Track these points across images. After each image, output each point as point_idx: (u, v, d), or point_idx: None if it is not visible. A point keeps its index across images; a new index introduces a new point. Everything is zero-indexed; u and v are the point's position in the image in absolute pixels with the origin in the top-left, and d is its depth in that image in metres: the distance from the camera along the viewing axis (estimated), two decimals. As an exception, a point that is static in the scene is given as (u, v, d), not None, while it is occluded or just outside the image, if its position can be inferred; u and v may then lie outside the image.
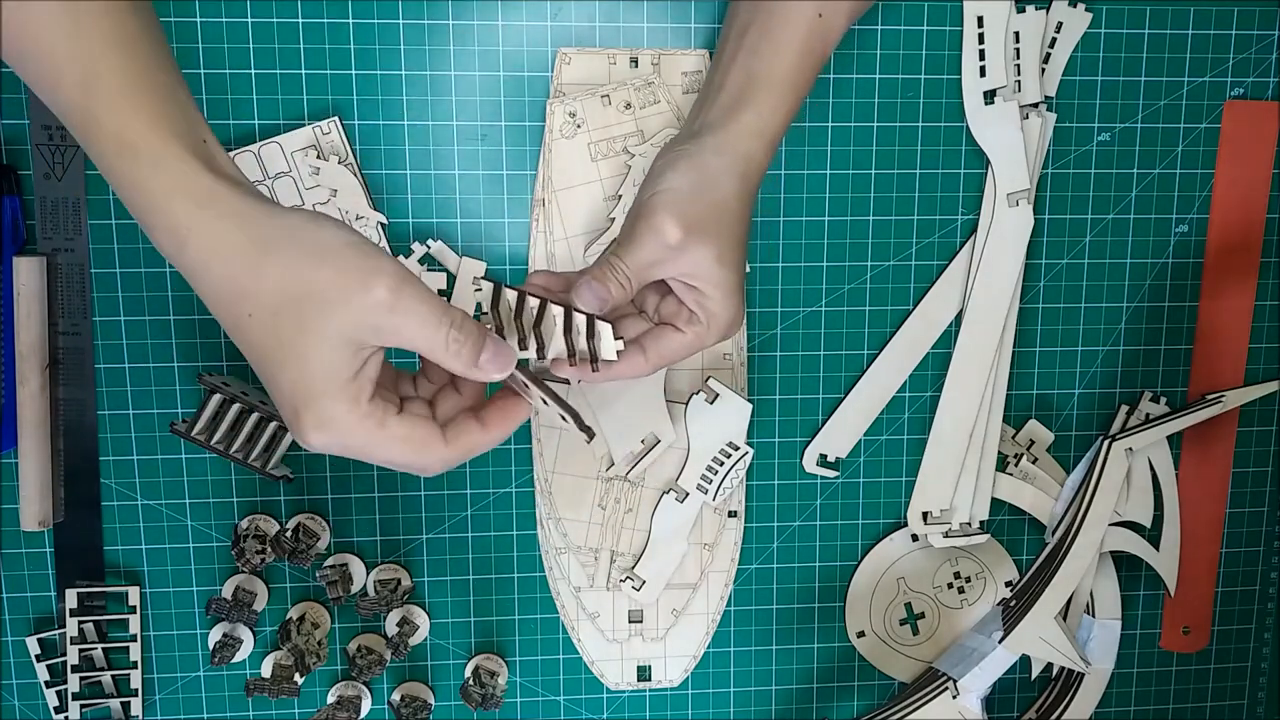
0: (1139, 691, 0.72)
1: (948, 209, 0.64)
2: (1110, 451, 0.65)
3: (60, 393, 0.60)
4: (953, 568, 0.68)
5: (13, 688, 0.63)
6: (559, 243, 0.61)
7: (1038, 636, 0.64)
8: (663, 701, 0.68)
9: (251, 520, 0.62)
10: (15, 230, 0.58)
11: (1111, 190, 0.65)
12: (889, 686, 0.70)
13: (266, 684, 0.59)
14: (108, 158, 0.39)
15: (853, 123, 0.62)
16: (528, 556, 0.65)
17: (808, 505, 0.67)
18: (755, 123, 0.50)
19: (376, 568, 0.64)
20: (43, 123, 0.57)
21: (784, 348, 0.64)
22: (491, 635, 0.66)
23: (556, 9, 0.59)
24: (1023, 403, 0.67)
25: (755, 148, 0.50)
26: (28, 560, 0.62)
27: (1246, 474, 0.70)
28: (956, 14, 0.61)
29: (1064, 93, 0.63)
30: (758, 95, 0.50)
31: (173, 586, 0.63)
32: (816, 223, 0.63)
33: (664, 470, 0.64)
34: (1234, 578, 0.71)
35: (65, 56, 0.38)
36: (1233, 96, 0.65)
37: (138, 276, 0.59)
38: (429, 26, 0.59)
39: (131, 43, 0.39)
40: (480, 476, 0.64)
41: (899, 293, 0.65)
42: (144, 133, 0.39)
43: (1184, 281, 0.67)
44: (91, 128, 0.39)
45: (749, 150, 0.50)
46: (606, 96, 0.60)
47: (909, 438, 0.66)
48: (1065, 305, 0.66)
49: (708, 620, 0.67)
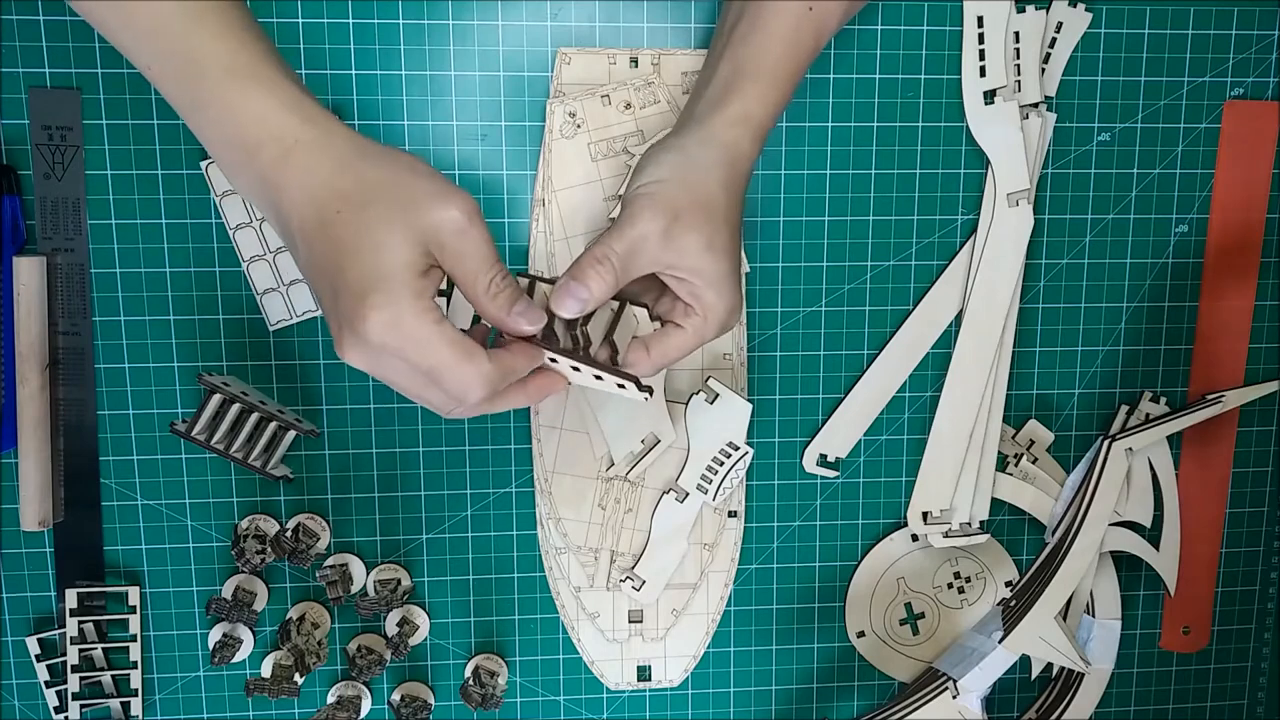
0: (1139, 691, 0.72)
1: (948, 209, 0.64)
2: (1110, 451, 0.65)
3: (60, 393, 0.60)
4: (953, 568, 0.68)
5: (13, 688, 0.63)
6: (559, 243, 0.61)
7: (1038, 636, 0.64)
8: (663, 701, 0.68)
9: (251, 520, 0.62)
10: (15, 230, 0.58)
11: (1111, 190, 0.65)
12: (889, 686, 0.70)
13: (266, 684, 0.59)
14: (212, 86, 0.43)
15: (853, 123, 0.62)
16: (528, 556, 0.65)
17: (808, 505, 0.67)
18: (740, 112, 0.50)
19: (376, 568, 0.64)
20: (43, 123, 0.57)
21: (784, 348, 0.65)
22: (491, 635, 0.66)
23: (556, 9, 0.59)
24: (1023, 403, 0.67)
25: (741, 137, 0.50)
26: (28, 560, 0.62)
27: (1246, 474, 0.70)
28: (956, 14, 0.61)
29: (1064, 93, 0.63)
30: (743, 85, 0.50)
31: (173, 586, 0.63)
32: (816, 223, 0.63)
33: (664, 470, 0.64)
34: (1234, 578, 0.71)
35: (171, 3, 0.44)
36: (1233, 96, 0.65)
37: (138, 276, 0.59)
38: (429, 26, 0.59)
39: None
40: (480, 476, 0.64)
41: (899, 293, 0.65)
42: (252, 61, 0.44)
43: (1184, 281, 0.67)
44: (197, 60, 0.43)
45: (734, 139, 0.49)
46: (606, 96, 0.60)
47: (909, 438, 0.66)
48: (1065, 305, 0.66)
49: (708, 620, 0.67)
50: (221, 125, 0.44)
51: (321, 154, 0.44)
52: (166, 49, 0.44)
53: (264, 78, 0.44)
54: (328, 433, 0.62)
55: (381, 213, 0.43)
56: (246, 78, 0.43)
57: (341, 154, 0.44)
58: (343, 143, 0.44)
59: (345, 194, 0.43)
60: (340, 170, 0.43)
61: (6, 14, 0.56)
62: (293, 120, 0.44)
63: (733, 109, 0.50)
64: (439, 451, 0.63)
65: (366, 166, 0.44)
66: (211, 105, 0.44)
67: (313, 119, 0.44)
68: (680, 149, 0.49)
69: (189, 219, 0.59)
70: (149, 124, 0.58)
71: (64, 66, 0.57)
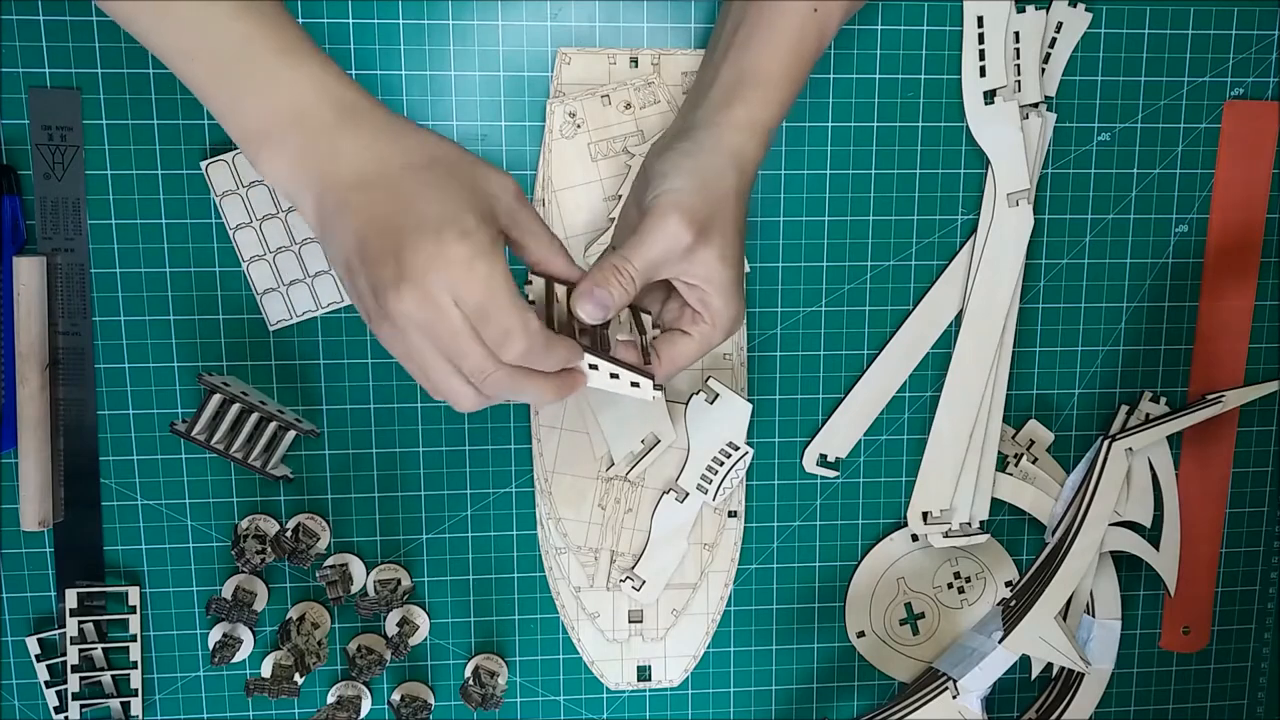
0: (1139, 691, 0.72)
1: (948, 209, 0.64)
2: (1110, 451, 0.65)
3: (60, 393, 0.60)
4: (953, 568, 0.68)
5: (13, 688, 0.63)
6: (559, 243, 0.61)
7: (1038, 636, 0.64)
8: (663, 701, 0.68)
9: (251, 520, 0.62)
10: (15, 230, 0.58)
11: (1111, 190, 0.65)
12: (889, 686, 0.70)
13: (266, 684, 0.59)
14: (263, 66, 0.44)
15: (853, 123, 0.62)
16: (528, 556, 0.65)
17: (808, 505, 0.67)
18: (747, 117, 0.50)
19: (376, 568, 0.64)
20: (43, 123, 0.57)
21: (784, 348, 0.65)
22: (491, 635, 0.66)
23: (556, 9, 0.59)
24: (1023, 403, 0.67)
25: (748, 142, 0.50)
26: (28, 560, 0.62)
27: (1246, 474, 0.70)
28: (956, 14, 0.61)
29: (1064, 93, 0.63)
30: (749, 90, 0.50)
31: (173, 586, 0.63)
32: (816, 223, 0.63)
33: (664, 470, 0.64)
34: (1234, 578, 0.71)
35: None
36: (1233, 96, 0.65)
37: (138, 276, 0.59)
38: (429, 26, 0.59)
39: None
40: (480, 476, 0.64)
41: (899, 293, 0.65)
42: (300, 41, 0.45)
43: (1184, 281, 0.67)
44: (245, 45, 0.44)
45: (742, 145, 0.50)
46: (606, 96, 0.60)
47: (909, 438, 0.66)
48: (1065, 305, 0.66)
49: (708, 620, 0.67)
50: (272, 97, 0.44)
51: (374, 116, 0.45)
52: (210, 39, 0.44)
53: (309, 54, 0.45)
54: (328, 433, 0.62)
55: (446, 172, 0.44)
56: (297, 54, 0.45)
57: (391, 120, 0.45)
58: (388, 113, 0.46)
59: (408, 151, 0.45)
60: (396, 134, 0.45)
61: (6, 14, 0.56)
62: (341, 88, 0.45)
63: (738, 114, 0.50)
64: (439, 451, 0.63)
65: (418, 133, 0.46)
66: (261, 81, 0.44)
67: (358, 89, 0.46)
68: (693, 155, 0.49)
69: (189, 219, 0.59)
70: (149, 124, 0.58)
71: (64, 66, 0.57)
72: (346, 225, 0.44)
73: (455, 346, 0.44)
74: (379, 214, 0.44)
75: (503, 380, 0.45)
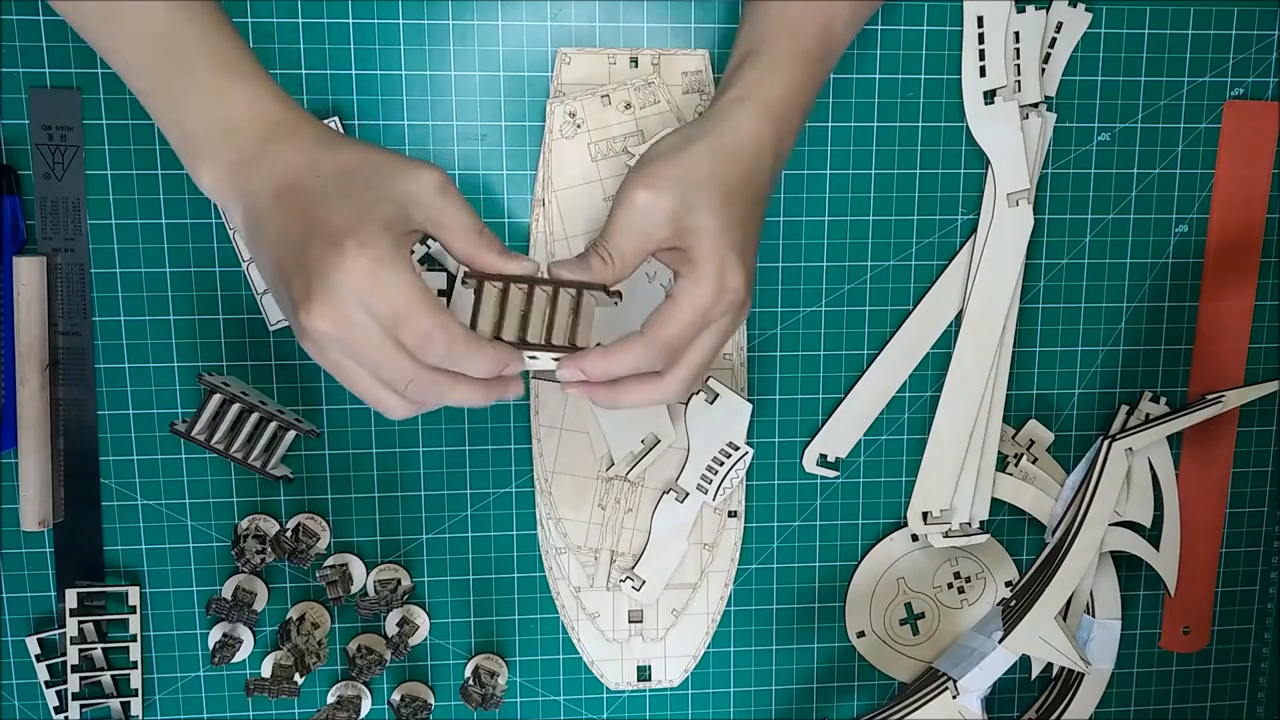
0: (1139, 691, 0.72)
1: (948, 209, 0.64)
2: (1110, 451, 0.65)
3: (60, 393, 0.60)
4: (953, 568, 0.68)
5: (13, 688, 0.63)
6: (559, 243, 0.61)
7: (1038, 636, 0.64)
8: (663, 701, 0.68)
9: (251, 520, 0.62)
10: (15, 230, 0.58)
11: (1111, 190, 0.65)
12: (889, 686, 0.70)
13: (266, 684, 0.59)
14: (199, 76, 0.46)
15: (853, 123, 0.62)
16: (528, 556, 0.65)
17: (808, 505, 0.67)
18: (738, 91, 0.50)
19: (376, 568, 0.64)
20: (43, 123, 0.57)
21: (784, 348, 0.64)
22: (491, 635, 0.66)
23: (556, 9, 0.59)
24: (1023, 403, 0.67)
25: (741, 113, 0.49)
26: (28, 560, 0.62)
27: (1246, 474, 0.70)
28: (956, 14, 0.61)
29: (1064, 93, 0.63)
30: (743, 69, 0.51)
31: (173, 586, 0.63)
32: (816, 223, 0.63)
33: (664, 470, 0.64)
34: (1234, 578, 0.71)
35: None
36: (1233, 96, 0.65)
37: (138, 276, 0.59)
38: (429, 26, 0.59)
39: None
40: (480, 476, 0.64)
41: (899, 293, 0.65)
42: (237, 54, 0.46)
43: (1184, 281, 0.67)
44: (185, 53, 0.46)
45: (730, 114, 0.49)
46: (606, 96, 0.60)
47: (909, 438, 0.66)
48: (1065, 305, 0.66)
49: (708, 620, 0.67)
50: (206, 110, 0.46)
51: (301, 132, 0.46)
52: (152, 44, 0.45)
53: (247, 70, 0.46)
54: (328, 433, 0.62)
55: (357, 179, 0.44)
56: (231, 69, 0.46)
57: (319, 134, 0.46)
58: (320, 128, 0.47)
59: (322, 163, 0.45)
60: (318, 146, 0.46)
61: (6, 14, 0.56)
62: (275, 105, 0.46)
63: (731, 91, 0.50)
64: (439, 451, 0.63)
65: (343, 145, 0.46)
66: (198, 94, 0.46)
67: (292, 107, 0.47)
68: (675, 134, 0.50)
69: (189, 219, 0.59)
70: (149, 124, 0.58)
71: (64, 66, 0.57)
72: (266, 242, 0.45)
73: (372, 357, 0.44)
74: (288, 229, 0.44)
75: (426, 385, 0.45)
